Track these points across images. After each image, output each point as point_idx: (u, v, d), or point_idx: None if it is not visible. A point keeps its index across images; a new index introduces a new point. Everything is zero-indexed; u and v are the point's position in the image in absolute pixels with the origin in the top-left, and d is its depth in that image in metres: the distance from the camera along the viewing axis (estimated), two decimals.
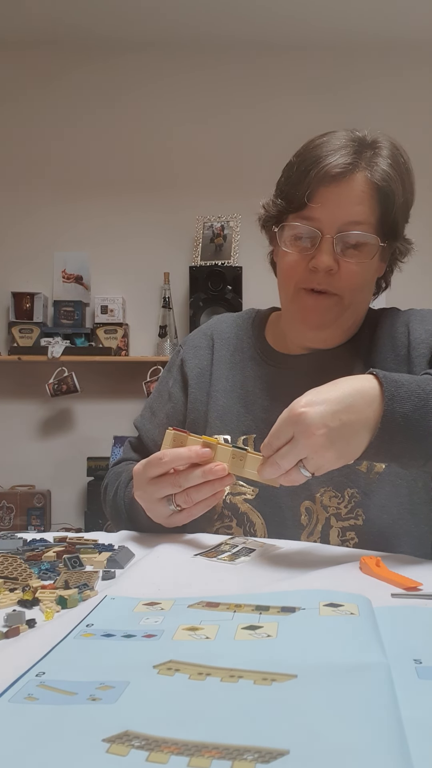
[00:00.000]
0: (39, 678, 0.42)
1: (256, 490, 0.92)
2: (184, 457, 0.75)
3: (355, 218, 0.88)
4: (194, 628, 0.49)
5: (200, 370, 1.02)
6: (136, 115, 3.04)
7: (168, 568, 0.70)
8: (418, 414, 0.69)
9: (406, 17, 2.84)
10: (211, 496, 0.76)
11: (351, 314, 0.94)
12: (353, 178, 0.88)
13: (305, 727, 0.35)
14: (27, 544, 0.79)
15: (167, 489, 0.76)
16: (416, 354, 0.91)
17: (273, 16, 2.84)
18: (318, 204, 0.88)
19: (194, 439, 0.78)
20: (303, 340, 0.97)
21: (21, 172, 3.03)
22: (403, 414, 0.69)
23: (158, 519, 0.81)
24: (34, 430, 3.02)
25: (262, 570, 0.69)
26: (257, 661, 0.43)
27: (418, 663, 0.42)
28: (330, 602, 0.54)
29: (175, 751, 0.32)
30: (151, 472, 0.77)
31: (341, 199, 0.88)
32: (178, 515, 0.78)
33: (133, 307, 3.01)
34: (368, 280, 0.94)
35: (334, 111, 3.00)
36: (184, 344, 1.08)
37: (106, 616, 0.53)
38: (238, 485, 0.93)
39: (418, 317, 0.96)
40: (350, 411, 0.68)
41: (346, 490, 0.87)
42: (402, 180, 0.91)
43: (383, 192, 0.89)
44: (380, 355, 0.94)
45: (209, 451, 0.75)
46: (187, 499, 0.76)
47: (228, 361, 1.02)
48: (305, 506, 0.89)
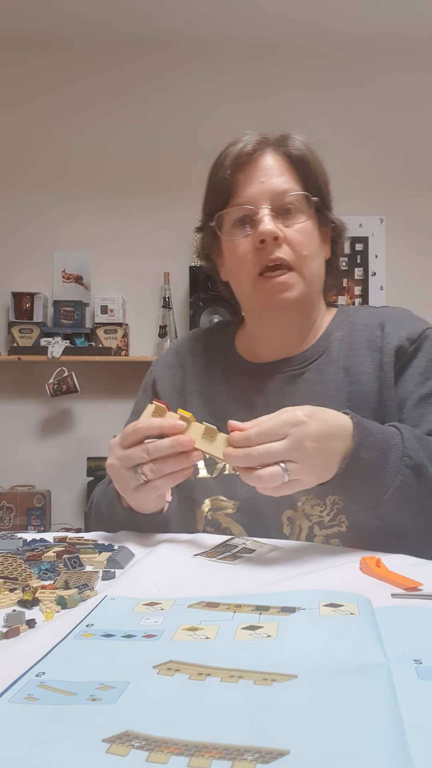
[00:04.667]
0: (39, 678, 0.42)
1: (237, 503, 0.91)
2: (156, 426, 0.77)
3: (282, 188, 0.91)
4: (194, 629, 0.49)
5: (172, 388, 1.02)
6: (136, 115, 3.04)
7: (168, 568, 0.70)
8: (378, 464, 0.74)
9: (407, 16, 2.84)
10: (179, 471, 0.76)
11: (311, 291, 0.94)
12: (266, 155, 0.92)
13: (305, 727, 0.35)
14: (27, 544, 0.79)
15: (137, 457, 0.77)
16: (386, 360, 0.91)
17: (274, 16, 2.84)
18: (242, 188, 0.91)
19: (173, 414, 0.79)
20: (269, 333, 0.97)
21: (21, 172, 3.03)
22: (366, 461, 0.73)
23: (126, 492, 0.81)
24: (34, 430, 3.02)
25: (262, 570, 0.69)
26: (257, 662, 0.43)
27: (418, 663, 0.42)
28: (330, 602, 0.54)
29: (175, 752, 0.32)
30: (126, 440, 0.78)
31: (261, 174, 0.91)
32: (144, 488, 0.78)
33: (133, 307, 3.01)
34: (315, 250, 0.94)
35: (335, 111, 3.00)
36: (155, 364, 1.09)
37: (106, 617, 0.53)
38: (219, 500, 0.93)
39: (393, 320, 0.95)
40: (336, 439, 0.73)
41: (327, 497, 0.86)
42: (311, 152, 0.95)
43: (300, 161, 0.93)
44: (358, 360, 0.93)
45: (183, 424, 0.77)
46: (154, 468, 0.76)
47: (200, 376, 1.02)
48: (287, 515, 0.88)
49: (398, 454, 0.74)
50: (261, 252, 0.90)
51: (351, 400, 0.90)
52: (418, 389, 0.89)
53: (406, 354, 0.91)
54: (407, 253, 2.97)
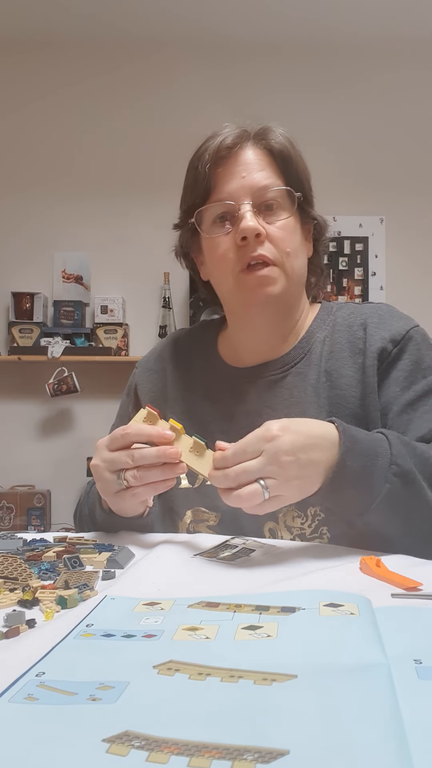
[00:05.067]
0: (39, 678, 0.42)
1: (219, 515, 0.90)
2: (145, 434, 0.76)
3: (263, 183, 0.88)
4: (194, 628, 0.49)
5: (153, 395, 1.01)
6: (136, 114, 3.04)
7: (168, 568, 0.70)
8: (365, 472, 0.72)
9: (407, 16, 2.84)
10: (161, 481, 0.76)
11: (293, 290, 0.92)
12: (245, 149, 0.89)
13: (305, 727, 0.35)
14: (27, 544, 0.79)
15: (122, 462, 0.76)
16: (369, 363, 0.88)
17: (274, 16, 2.84)
18: (222, 183, 0.89)
19: (164, 422, 0.79)
20: (251, 336, 0.95)
21: (22, 172, 3.03)
22: (353, 469, 0.72)
23: (106, 495, 0.80)
24: (34, 430, 3.02)
25: (262, 570, 0.69)
26: (257, 661, 0.43)
27: (418, 663, 0.42)
28: (330, 602, 0.54)
29: (175, 751, 0.32)
30: (113, 444, 0.77)
31: (242, 170, 0.88)
32: (125, 493, 0.77)
33: (133, 307, 3.01)
34: (298, 247, 0.91)
35: (335, 111, 3.00)
36: (138, 366, 1.07)
37: (106, 616, 0.53)
38: (200, 511, 0.92)
39: (375, 319, 0.92)
40: (315, 449, 0.71)
41: (308, 509, 0.85)
42: (292, 146, 0.92)
43: (281, 155, 0.90)
44: (340, 363, 0.91)
45: (172, 434, 0.76)
46: (137, 476, 0.75)
47: (183, 382, 1.00)
48: (269, 527, 0.87)
49: (386, 462, 0.73)
50: (243, 249, 0.87)
51: (332, 405, 0.88)
52: (403, 395, 0.86)
53: (389, 357, 0.88)
54: (407, 253, 2.97)
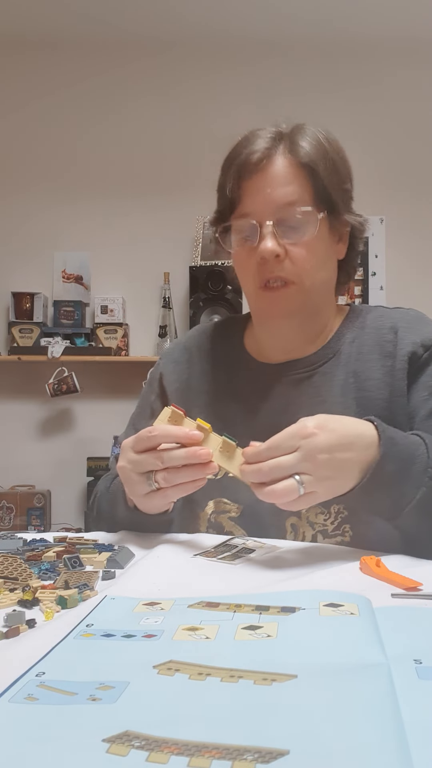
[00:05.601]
0: (39, 678, 0.42)
1: (241, 507, 0.91)
2: (173, 435, 0.75)
3: (287, 199, 0.87)
4: (194, 628, 0.49)
5: (179, 385, 1.01)
6: (136, 115, 3.04)
7: (168, 568, 0.70)
8: (400, 475, 0.73)
9: (408, 17, 2.84)
10: (191, 482, 0.75)
11: (315, 300, 0.92)
12: (274, 162, 0.88)
13: (305, 727, 0.35)
14: (27, 544, 0.79)
15: (150, 463, 0.75)
16: (399, 367, 0.89)
17: (275, 16, 2.84)
18: (248, 197, 0.88)
19: (190, 421, 0.77)
20: (273, 337, 0.96)
21: (21, 172, 3.03)
22: (390, 472, 0.72)
23: (135, 496, 0.80)
24: (34, 430, 3.02)
25: (262, 570, 0.69)
26: (257, 661, 0.43)
27: (418, 663, 0.42)
28: (330, 602, 0.54)
29: (175, 752, 0.32)
30: (139, 445, 0.77)
31: (267, 185, 0.87)
32: (155, 495, 0.77)
33: (133, 307, 3.01)
34: (322, 259, 0.91)
35: (335, 111, 3.00)
36: (163, 357, 1.07)
37: (106, 616, 0.53)
38: (222, 502, 0.92)
39: (404, 323, 0.93)
40: (350, 449, 0.71)
41: (332, 506, 0.85)
42: (325, 152, 0.90)
43: (309, 168, 0.88)
44: (368, 365, 0.91)
45: (200, 434, 0.75)
46: (167, 477, 0.75)
47: (207, 374, 1.00)
48: (291, 522, 0.88)
49: (422, 466, 0.73)
50: (262, 267, 0.89)
51: (359, 406, 0.89)
52: (431, 400, 0.87)
53: (419, 361, 0.89)
54: (407, 253, 2.97)
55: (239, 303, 2.75)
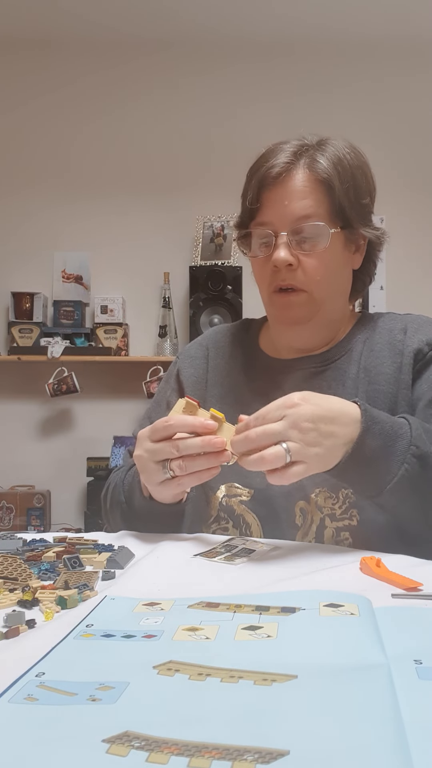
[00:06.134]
0: (39, 678, 0.42)
1: (252, 491, 0.93)
2: (189, 424, 0.78)
3: (303, 212, 0.91)
4: (194, 629, 0.49)
5: (196, 379, 1.05)
6: (136, 115, 3.04)
7: (168, 568, 0.70)
8: (383, 452, 0.75)
9: (408, 17, 2.84)
10: (206, 470, 0.78)
11: (328, 309, 0.97)
12: (293, 176, 0.92)
13: (305, 727, 0.35)
14: (27, 544, 0.79)
15: (166, 452, 0.78)
16: (406, 362, 0.93)
17: (275, 16, 2.84)
18: (266, 207, 0.93)
19: (204, 411, 0.80)
20: (286, 340, 1.00)
21: (21, 171, 3.03)
22: (372, 448, 0.75)
23: (151, 484, 0.82)
24: (34, 430, 3.02)
25: (262, 570, 0.69)
26: (257, 662, 0.43)
27: (418, 663, 0.42)
28: (330, 602, 0.54)
29: (175, 752, 0.32)
30: (156, 434, 0.79)
31: (285, 197, 0.92)
32: (170, 483, 0.80)
33: (133, 307, 3.01)
34: (334, 271, 0.95)
35: (334, 111, 3.00)
36: (181, 355, 1.12)
37: (106, 617, 0.53)
38: (234, 486, 0.94)
39: (414, 324, 0.98)
40: (334, 422, 0.74)
41: (340, 490, 0.88)
42: (345, 168, 0.94)
43: (327, 184, 0.92)
44: (378, 360, 0.95)
45: (215, 424, 0.77)
46: (183, 465, 0.77)
47: (223, 369, 1.05)
48: (300, 507, 0.90)
49: (405, 444, 0.76)
50: (275, 274, 0.93)
51: (369, 399, 0.92)
52: (431, 391, 0.91)
53: (424, 358, 0.93)
54: (407, 253, 2.97)
55: (239, 303, 2.75)
